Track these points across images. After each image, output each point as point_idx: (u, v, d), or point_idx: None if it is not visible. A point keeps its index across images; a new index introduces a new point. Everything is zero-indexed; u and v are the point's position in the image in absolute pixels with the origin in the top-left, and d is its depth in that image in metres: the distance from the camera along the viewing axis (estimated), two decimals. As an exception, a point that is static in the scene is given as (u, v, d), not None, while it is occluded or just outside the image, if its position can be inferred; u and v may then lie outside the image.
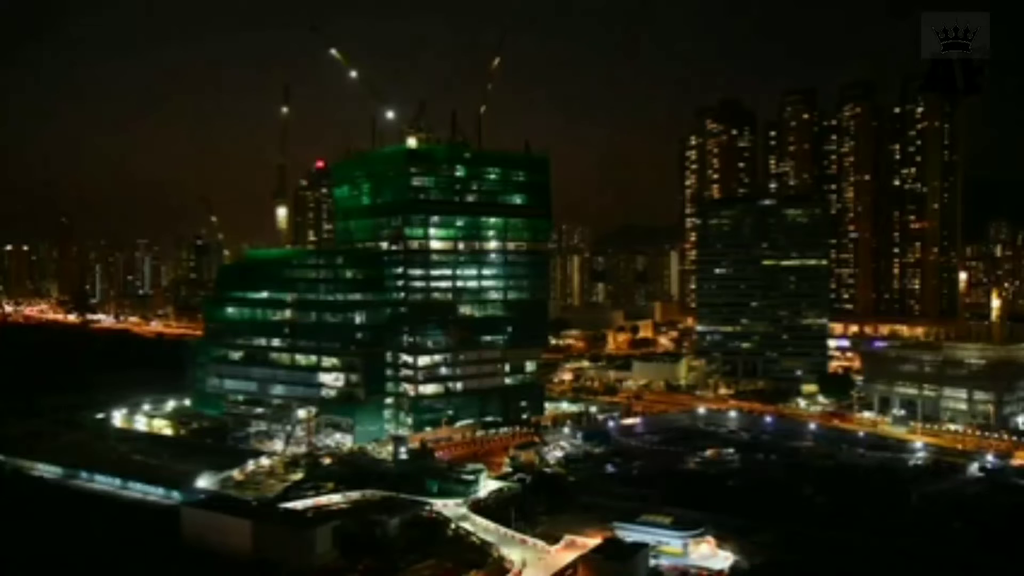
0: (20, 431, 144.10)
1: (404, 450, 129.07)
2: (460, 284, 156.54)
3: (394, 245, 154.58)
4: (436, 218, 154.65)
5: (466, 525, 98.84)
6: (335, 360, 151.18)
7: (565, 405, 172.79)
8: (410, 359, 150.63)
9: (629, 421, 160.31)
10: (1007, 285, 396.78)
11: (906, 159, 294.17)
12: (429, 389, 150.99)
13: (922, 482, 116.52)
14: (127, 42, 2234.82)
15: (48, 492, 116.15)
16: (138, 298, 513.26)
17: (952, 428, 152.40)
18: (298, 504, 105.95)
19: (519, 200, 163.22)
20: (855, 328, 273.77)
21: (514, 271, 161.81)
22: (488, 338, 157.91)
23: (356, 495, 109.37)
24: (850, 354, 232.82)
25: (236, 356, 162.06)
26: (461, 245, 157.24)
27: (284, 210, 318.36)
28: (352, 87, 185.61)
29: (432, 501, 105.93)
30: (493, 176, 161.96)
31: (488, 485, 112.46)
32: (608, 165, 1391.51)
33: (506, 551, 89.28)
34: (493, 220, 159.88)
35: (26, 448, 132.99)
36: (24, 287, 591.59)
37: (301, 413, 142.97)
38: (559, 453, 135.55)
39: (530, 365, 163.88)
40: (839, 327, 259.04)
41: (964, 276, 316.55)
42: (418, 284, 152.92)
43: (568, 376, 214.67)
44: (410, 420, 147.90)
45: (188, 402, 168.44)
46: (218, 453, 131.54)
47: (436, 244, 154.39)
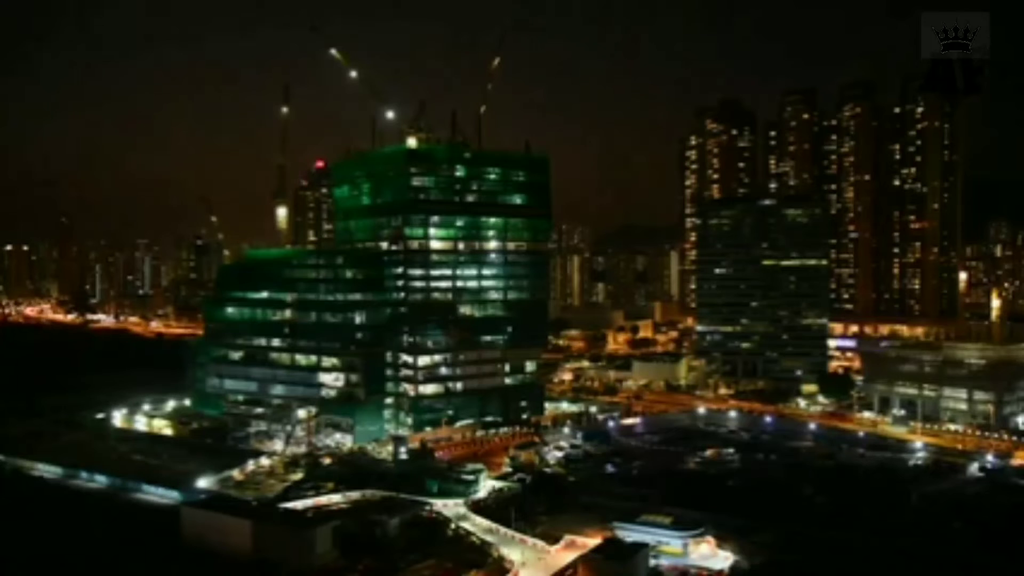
0: (20, 431, 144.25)
1: (404, 450, 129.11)
2: (460, 284, 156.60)
3: (394, 245, 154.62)
4: (436, 218, 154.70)
5: (466, 525, 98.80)
6: (335, 360, 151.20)
7: (565, 405, 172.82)
8: (410, 359, 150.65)
9: (629, 421, 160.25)
10: (1007, 285, 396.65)
11: (906, 159, 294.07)
12: (429, 389, 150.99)
13: (922, 482, 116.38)
14: (127, 42, 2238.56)
15: (48, 492, 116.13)
16: (138, 298, 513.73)
17: (952, 428, 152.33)
18: (298, 504, 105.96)
19: (519, 200, 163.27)
20: (855, 328, 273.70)
21: (514, 271, 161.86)
22: (488, 338, 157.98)
23: (356, 495, 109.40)
24: (850, 354, 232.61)
25: (236, 356, 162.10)
26: (461, 245, 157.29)
27: (284, 210, 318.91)
28: (352, 87, 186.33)
29: (432, 501, 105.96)
30: (493, 176, 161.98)
31: (488, 485, 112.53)
32: (608, 165, 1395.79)
33: (506, 551, 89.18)
34: (493, 220, 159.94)
35: (26, 448, 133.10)
36: (24, 287, 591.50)
37: (301, 413, 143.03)
38: (559, 453, 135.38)
39: (530, 365, 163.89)
40: (839, 327, 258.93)
41: (964, 276, 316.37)
42: (418, 284, 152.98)
43: (568, 376, 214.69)
44: (410, 420, 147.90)
45: (188, 402, 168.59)
46: (218, 453, 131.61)
47: (436, 244, 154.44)
